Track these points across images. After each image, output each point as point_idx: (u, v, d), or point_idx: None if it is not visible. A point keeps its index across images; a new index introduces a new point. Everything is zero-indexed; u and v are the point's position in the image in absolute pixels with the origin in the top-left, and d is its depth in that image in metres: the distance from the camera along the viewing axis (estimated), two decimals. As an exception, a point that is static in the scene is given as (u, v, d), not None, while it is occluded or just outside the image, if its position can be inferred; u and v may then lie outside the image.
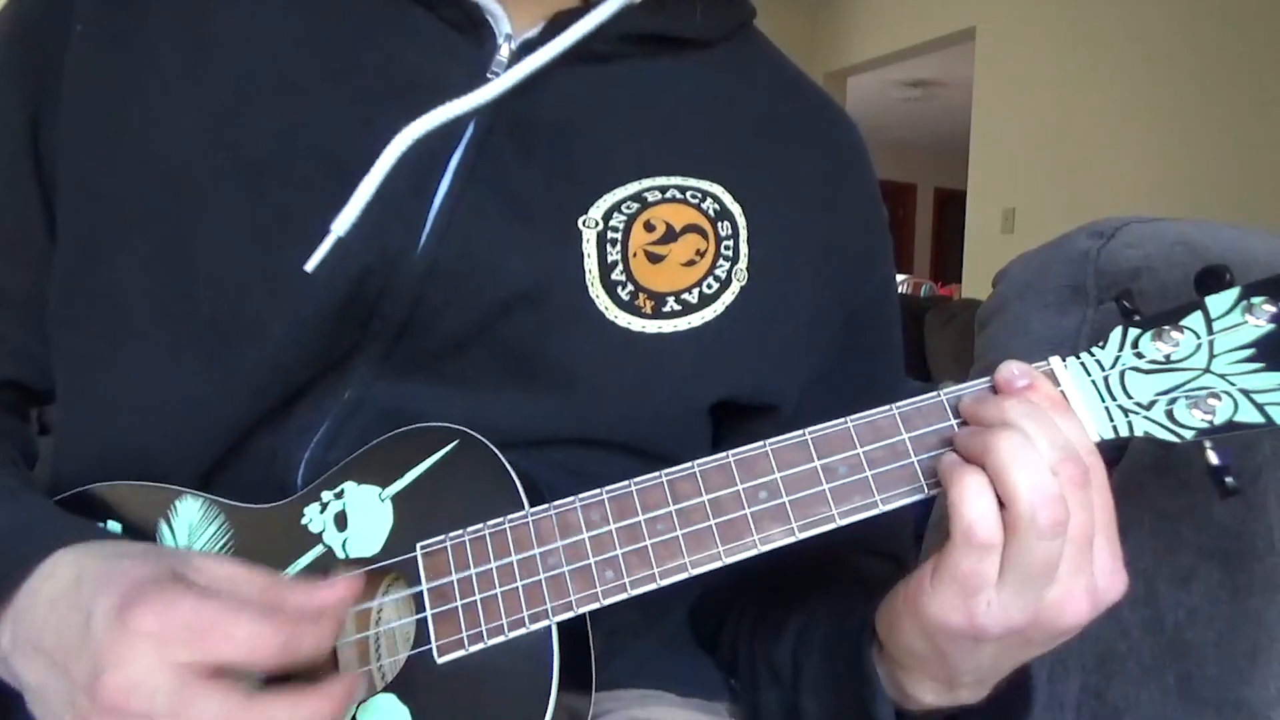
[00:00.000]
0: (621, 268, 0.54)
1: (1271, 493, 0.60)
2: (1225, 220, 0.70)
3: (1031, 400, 0.44)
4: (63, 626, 0.41)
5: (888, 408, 0.47)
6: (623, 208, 0.55)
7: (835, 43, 5.78)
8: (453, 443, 0.49)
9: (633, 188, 0.56)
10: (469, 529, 0.48)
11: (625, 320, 0.53)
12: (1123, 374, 0.46)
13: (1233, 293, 0.45)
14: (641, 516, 0.46)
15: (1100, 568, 0.43)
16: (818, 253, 0.60)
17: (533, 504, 0.48)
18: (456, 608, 0.47)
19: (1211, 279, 0.46)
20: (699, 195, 0.57)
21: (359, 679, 0.44)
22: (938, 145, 8.89)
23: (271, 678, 0.43)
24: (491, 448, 0.49)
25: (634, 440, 0.55)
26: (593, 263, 0.54)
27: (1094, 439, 0.45)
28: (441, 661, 0.46)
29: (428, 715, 0.46)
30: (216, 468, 0.53)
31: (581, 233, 0.54)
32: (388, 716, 0.46)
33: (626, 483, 0.47)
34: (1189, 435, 0.44)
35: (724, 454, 0.47)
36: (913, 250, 9.53)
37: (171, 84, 0.53)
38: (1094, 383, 0.46)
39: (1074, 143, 4.19)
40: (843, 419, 0.47)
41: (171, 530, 0.52)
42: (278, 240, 0.51)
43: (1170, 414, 0.45)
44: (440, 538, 0.48)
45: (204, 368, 0.52)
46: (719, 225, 0.57)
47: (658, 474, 0.47)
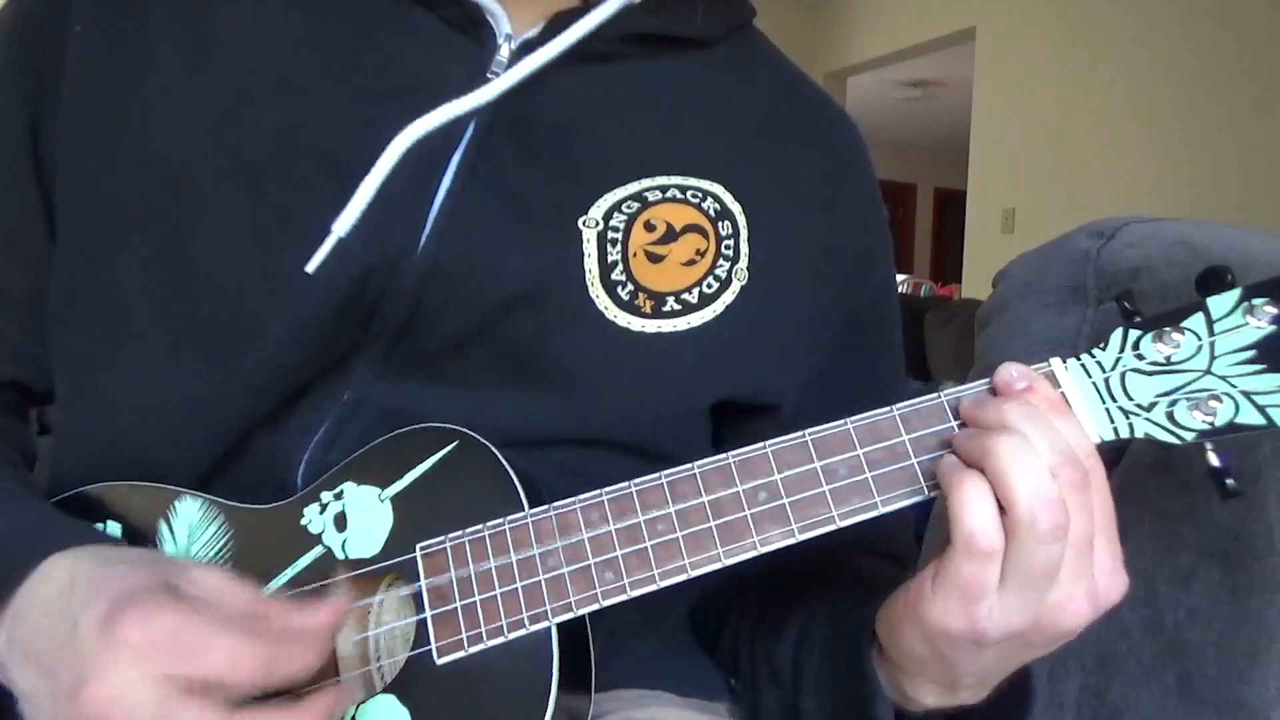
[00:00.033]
0: (621, 267, 0.54)
1: (1271, 493, 0.60)
2: (1225, 220, 0.70)
3: (1030, 403, 0.44)
4: (52, 633, 0.41)
5: (888, 409, 0.46)
6: (623, 207, 0.55)
7: (835, 43, 5.78)
8: (452, 443, 0.49)
9: (633, 187, 0.56)
10: (469, 530, 0.48)
11: (625, 320, 0.53)
12: (1123, 375, 0.46)
13: (1234, 294, 0.45)
14: (641, 517, 0.46)
15: (1100, 569, 0.43)
16: (818, 253, 0.60)
17: (532, 505, 0.48)
18: (456, 609, 0.47)
19: (1213, 280, 0.46)
20: (699, 195, 0.57)
21: (346, 691, 0.44)
22: (938, 145, 8.89)
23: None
24: (491, 448, 0.49)
25: (634, 440, 0.55)
26: (593, 262, 0.54)
27: (1094, 440, 0.45)
28: (441, 662, 0.46)
29: (427, 716, 0.46)
30: (216, 468, 0.53)
31: (581, 232, 0.54)
32: (387, 717, 0.46)
33: (626, 484, 0.47)
34: (1190, 437, 0.44)
35: (724, 455, 0.47)
36: (913, 250, 9.52)
37: (172, 84, 0.53)
38: (1095, 384, 0.46)
39: (1074, 143, 4.19)
40: (843, 420, 0.47)
41: (171, 531, 0.52)
42: (278, 240, 0.51)
43: (1171, 415, 0.45)
44: (440, 539, 0.48)
45: (204, 368, 0.52)
46: (719, 225, 0.57)
47: (658, 475, 0.47)
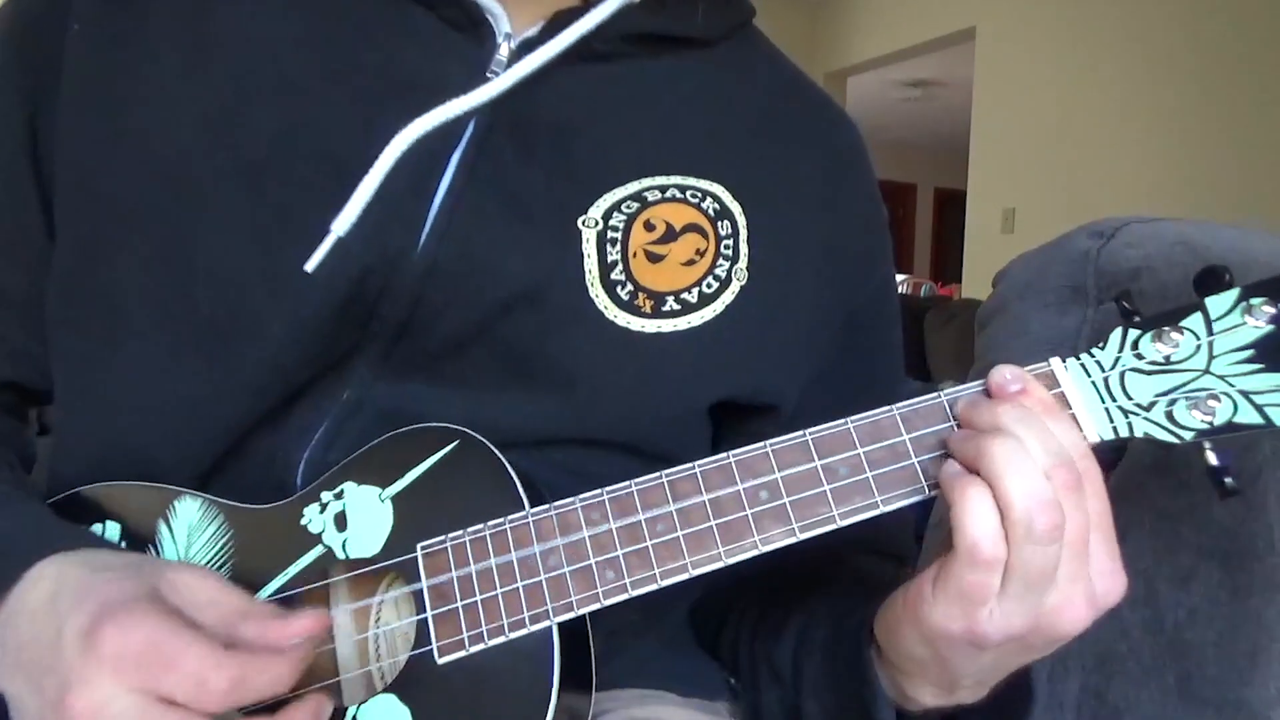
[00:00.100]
0: (621, 267, 0.54)
1: (1271, 493, 0.60)
2: (1225, 220, 0.70)
3: (1024, 405, 0.44)
4: (39, 640, 0.41)
5: (888, 408, 0.47)
6: (622, 207, 0.55)
7: (835, 43, 5.78)
8: (453, 443, 0.49)
9: (632, 187, 0.56)
10: (469, 529, 0.48)
11: (625, 320, 0.53)
12: (1123, 375, 0.46)
13: (1232, 294, 0.45)
14: (642, 516, 0.46)
15: (1098, 570, 0.43)
16: (818, 253, 0.60)
17: (533, 504, 0.48)
18: (457, 608, 0.47)
19: (1211, 280, 0.46)
20: (699, 195, 0.57)
21: (325, 698, 0.43)
22: (938, 145, 8.89)
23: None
24: (491, 448, 0.49)
25: (634, 440, 0.55)
26: (592, 262, 0.54)
27: (1094, 440, 0.45)
28: (442, 662, 0.46)
29: (428, 716, 0.46)
30: (216, 468, 0.53)
31: (581, 232, 0.54)
32: (388, 717, 0.46)
33: (627, 483, 0.47)
34: (1189, 436, 0.44)
35: (724, 454, 0.47)
36: (913, 250, 9.52)
37: (171, 84, 0.53)
38: (1094, 384, 0.46)
39: (1074, 143, 4.19)
40: (843, 420, 0.47)
41: (171, 531, 0.52)
42: (278, 240, 0.51)
43: (1170, 415, 0.45)
44: (440, 538, 0.48)
45: (204, 368, 0.52)
46: (719, 225, 0.57)
47: (658, 474, 0.47)
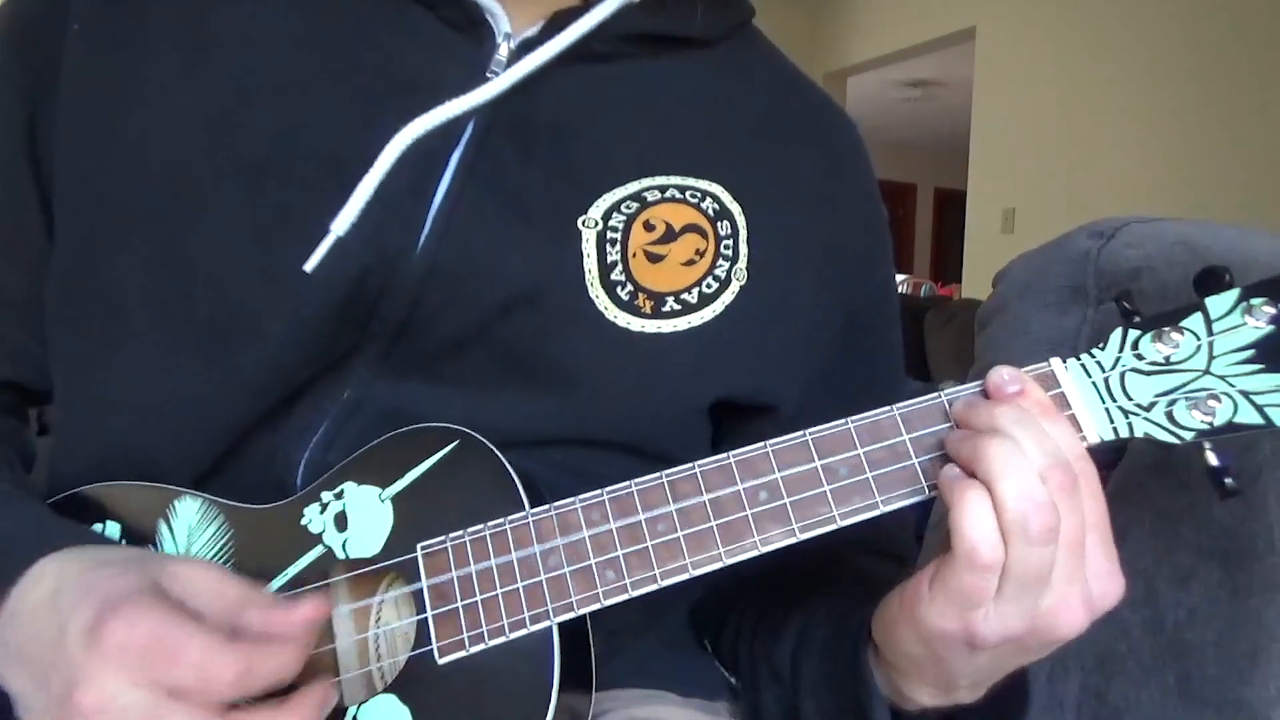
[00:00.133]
0: (621, 268, 0.54)
1: (1271, 493, 0.60)
2: (1225, 220, 0.70)
3: (1021, 406, 0.44)
4: (42, 637, 0.41)
5: (888, 409, 0.46)
6: (622, 207, 0.55)
7: (835, 43, 5.78)
8: (453, 443, 0.49)
9: (632, 187, 0.56)
10: (469, 529, 0.48)
11: (625, 320, 0.53)
12: (1123, 375, 0.46)
13: (1232, 294, 0.45)
14: (642, 516, 0.46)
15: (1095, 572, 0.43)
16: (817, 253, 0.60)
17: (533, 504, 0.48)
18: (457, 608, 0.47)
19: (1211, 280, 0.46)
20: (698, 195, 0.57)
21: (332, 687, 0.44)
22: (938, 145, 8.89)
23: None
24: (492, 448, 0.49)
25: (634, 440, 0.55)
26: (592, 263, 0.54)
27: (1094, 440, 0.45)
28: (442, 662, 0.46)
29: (428, 716, 0.46)
30: (215, 468, 0.53)
31: (581, 233, 0.54)
32: (388, 717, 0.46)
33: (627, 483, 0.47)
34: (1189, 436, 0.44)
35: (724, 454, 0.47)
36: (913, 250, 9.52)
37: (170, 84, 0.53)
38: (1094, 384, 0.46)
39: (1074, 143, 4.19)
40: (843, 420, 0.47)
41: (171, 531, 0.52)
42: (277, 240, 0.51)
43: (1170, 415, 0.45)
44: (441, 538, 0.48)
45: (203, 368, 0.52)
46: (718, 225, 0.57)
47: (658, 474, 0.47)
